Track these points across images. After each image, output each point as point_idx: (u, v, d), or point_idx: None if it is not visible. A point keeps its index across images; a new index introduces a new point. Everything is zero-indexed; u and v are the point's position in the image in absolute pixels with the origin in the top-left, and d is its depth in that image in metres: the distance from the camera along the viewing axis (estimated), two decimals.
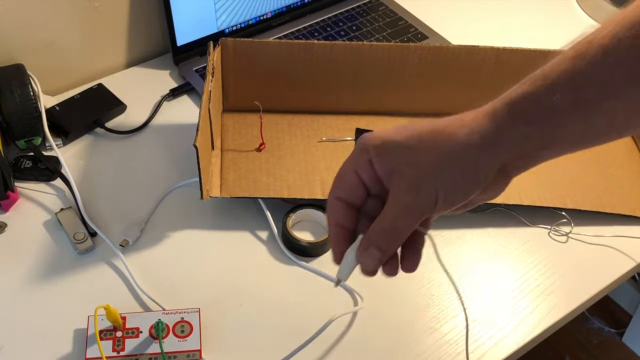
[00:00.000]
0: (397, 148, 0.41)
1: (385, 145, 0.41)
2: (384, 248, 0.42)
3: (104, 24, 0.86)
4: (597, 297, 0.70)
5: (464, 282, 0.69)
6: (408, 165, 0.40)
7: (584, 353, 1.45)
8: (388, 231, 0.42)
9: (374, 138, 0.42)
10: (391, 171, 0.41)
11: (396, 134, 0.42)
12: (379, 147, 0.41)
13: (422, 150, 0.40)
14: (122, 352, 0.59)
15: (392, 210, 0.41)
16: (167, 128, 0.83)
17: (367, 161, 0.42)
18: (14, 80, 0.75)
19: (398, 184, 0.41)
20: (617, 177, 0.79)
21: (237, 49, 0.78)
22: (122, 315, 0.61)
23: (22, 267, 0.67)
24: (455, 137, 0.40)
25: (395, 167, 0.41)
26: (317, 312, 0.63)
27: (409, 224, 0.42)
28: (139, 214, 0.72)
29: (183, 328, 0.61)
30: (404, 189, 0.41)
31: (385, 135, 0.42)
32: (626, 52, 0.37)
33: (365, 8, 1.01)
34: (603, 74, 0.37)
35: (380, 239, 0.42)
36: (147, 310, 0.64)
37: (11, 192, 0.71)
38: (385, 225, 0.42)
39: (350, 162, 0.43)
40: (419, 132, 0.41)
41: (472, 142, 0.39)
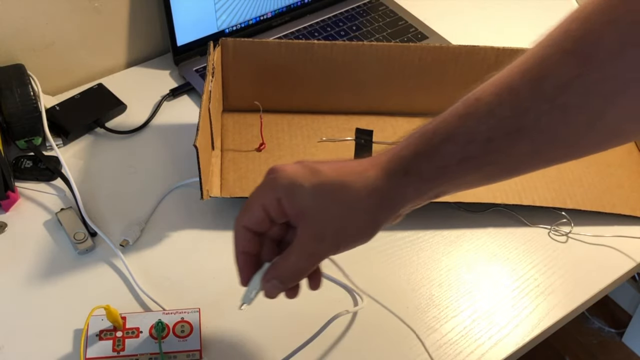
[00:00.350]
0: (305, 195, 0.44)
1: (293, 189, 0.44)
2: (287, 283, 0.48)
3: (104, 24, 0.86)
4: (597, 297, 0.70)
5: (464, 282, 0.69)
6: (315, 215, 0.44)
7: (584, 353, 1.45)
8: (292, 271, 0.47)
9: (283, 177, 0.45)
10: (298, 214, 0.45)
11: (304, 179, 0.44)
12: (288, 189, 0.45)
13: (328, 204, 0.44)
14: (122, 352, 0.59)
15: (298, 254, 0.46)
16: (167, 128, 0.83)
17: (275, 199, 0.45)
18: (14, 80, 0.76)
19: (304, 229, 0.45)
20: (617, 177, 0.79)
21: (237, 49, 0.78)
22: (122, 316, 0.61)
23: (22, 267, 0.67)
24: (357, 195, 0.43)
25: (302, 211, 0.45)
26: (317, 312, 0.63)
27: (312, 266, 0.47)
28: (139, 214, 0.72)
29: (183, 328, 0.61)
30: (310, 236, 0.45)
31: (294, 176, 0.45)
32: (505, 112, 0.41)
33: (365, 8, 1.01)
34: (488, 132, 0.41)
35: (284, 276, 0.47)
36: (148, 310, 0.64)
37: (11, 192, 0.72)
38: (289, 265, 0.47)
39: (259, 197, 0.46)
40: (326, 182, 0.44)
41: (372, 203, 0.44)
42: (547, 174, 0.78)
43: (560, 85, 0.39)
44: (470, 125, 0.42)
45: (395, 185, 0.43)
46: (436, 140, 0.42)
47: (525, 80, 0.41)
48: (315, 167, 0.45)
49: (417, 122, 0.87)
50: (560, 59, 0.40)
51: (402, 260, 0.71)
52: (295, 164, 0.46)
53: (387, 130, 0.81)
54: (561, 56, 0.40)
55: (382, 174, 0.43)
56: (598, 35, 0.39)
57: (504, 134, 0.41)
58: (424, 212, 0.74)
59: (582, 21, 0.40)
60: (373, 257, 0.70)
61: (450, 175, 0.43)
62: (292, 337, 0.62)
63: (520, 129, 0.41)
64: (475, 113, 0.42)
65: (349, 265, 0.69)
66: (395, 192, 0.44)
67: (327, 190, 0.44)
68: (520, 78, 0.41)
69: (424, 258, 0.71)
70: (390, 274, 0.69)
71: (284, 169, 0.45)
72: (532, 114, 0.40)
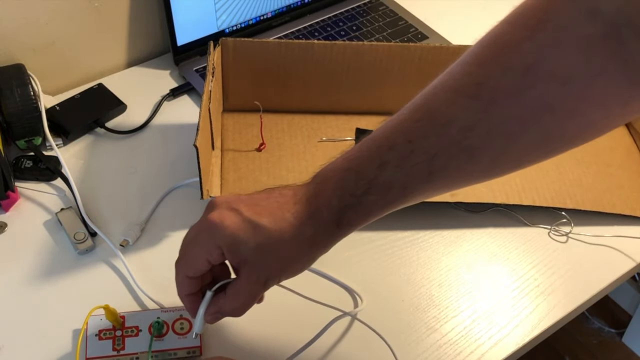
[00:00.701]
0: (248, 251, 0.48)
1: (237, 244, 0.48)
2: (234, 315, 0.52)
3: (104, 24, 0.86)
4: (597, 297, 0.70)
5: (464, 282, 0.69)
6: (258, 266, 0.48)
7: (584, 353, 1.45)
8: (237, 308, 0.51)
9: (225, 232, 0.47)
10: (240, 263, 0.49)
11: (247, 236, 0.47)
12: (231, 244, 0.48)
13: (271, 259, 0.48)
14: (122, 351, 0.59)
15: (243, 295, 0.50)
16: (167, 128, 0.83)
17: (217, 251, 0.48)
18: (14, 80, 0.76)
19: (248, 274, 0.49)
20: (617, 177, 0.79)
21: (237, 49, 0.78)
22: (121, 315, 0.61)
23: (22, 267, 0.67)
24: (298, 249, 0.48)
25: (245, 261, 0.48)
26: (318, 313, 0.63)
27: (253, 304, 0.51)
28: (139, 214, 0.72)
29: (182, 325, 0.61)
30: (253, 280, 0.49)
31: (236, 232, 0.47)
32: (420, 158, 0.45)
33: (365, 8, 1.01)
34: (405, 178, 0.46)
35: (230, 312, 0.52)
36: (147, 310, 0.64)
37: (11, 192, 0.72)
38: (236, 306, 0.51)
39: (199, 247, 0.49)
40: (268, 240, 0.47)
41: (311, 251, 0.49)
42: (547, 174, 0.78)
43: (465, 128, 0.43)
44: (388, 174, 0.45)
45: (330, 235, 0.49)
46: (359, 192, 0.46)
47: (433, 125, 0.45)
48: (256, 223, 0.47)
49: None
50: (464, 104, 0.43)
51: (402, 260, 0.71)
52: (234, 214, 0.48)
53: None
54: (464, 100, 0.43)
55: (318, 227, 0.48)
56: (496, 80, 0.42)
57: (418, 181, 0.46)
58: (424, 212, 0.75)
59: (480, 65, 0.44)
60: (373, 257, 0.70)
61: (376, 215, 0.48)
62: (292, 337, 0.62)
63: (432, 172, 0.45)
64: (392, 161, 0.45)
65: (349, 265, 0.69)
66: (331, 240, 0.49)
67: (269, 247, 0.48)
68: (429, 122, 0.45)
69: (424, 258, 0.71)
70: (390, 273, 0.69)
71: (223, 224, 0.48)
72: (443, 158, 0.44)
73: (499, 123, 0.43)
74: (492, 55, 0.43)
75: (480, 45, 0.45)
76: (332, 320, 0.62)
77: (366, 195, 0.46)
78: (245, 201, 0.49)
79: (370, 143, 0.47)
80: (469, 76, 0.44)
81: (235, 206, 0.48)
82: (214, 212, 0.49)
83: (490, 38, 0.44)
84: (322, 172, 0.49)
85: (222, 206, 0.49)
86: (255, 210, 0.48)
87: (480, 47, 0.45)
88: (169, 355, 0.60)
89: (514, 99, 0.42)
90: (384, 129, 0.47)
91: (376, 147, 0.46)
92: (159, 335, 0.60)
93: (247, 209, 0.48)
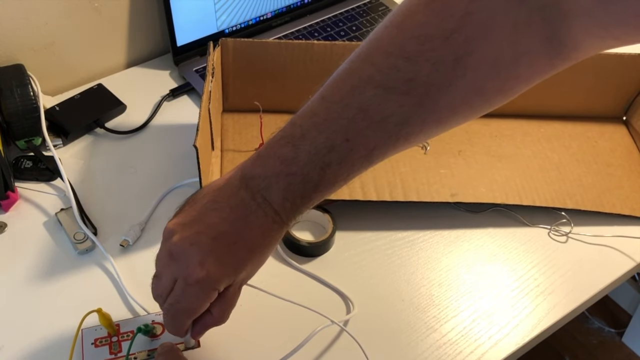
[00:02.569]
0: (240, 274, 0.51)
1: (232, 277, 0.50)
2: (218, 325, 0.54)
3: (104, 24, 0.87)
4: (597, 297, 0.70)
5: (464, 282, 0.69)
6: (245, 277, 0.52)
7: (584, 353, 1.45)
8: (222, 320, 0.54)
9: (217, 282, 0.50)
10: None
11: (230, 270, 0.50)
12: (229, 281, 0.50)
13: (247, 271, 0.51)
14: (120, 354, 0.59)
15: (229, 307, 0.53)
16: (167, 128, 0.83)
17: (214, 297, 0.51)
18: (14, 80, 0.76)
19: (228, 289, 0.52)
20: (617, 177, 0.79)
21: (237, 49, 0.78)
22: (115, 324, 0.61)
23: (22, 267, 0.67)
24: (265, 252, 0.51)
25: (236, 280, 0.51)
26: (309, 319, 0.63)
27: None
28: (139, 214, 0.72)
29: None
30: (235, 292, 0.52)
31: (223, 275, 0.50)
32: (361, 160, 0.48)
33: (365, 8, 1.01)
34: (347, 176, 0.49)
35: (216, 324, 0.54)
36: (147, 310, 0.64)
37: (11, 192, 0.72)
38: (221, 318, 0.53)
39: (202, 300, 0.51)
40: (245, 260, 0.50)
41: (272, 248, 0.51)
42: (547, 175, 0.78)
43: (401, 122, 0.46)
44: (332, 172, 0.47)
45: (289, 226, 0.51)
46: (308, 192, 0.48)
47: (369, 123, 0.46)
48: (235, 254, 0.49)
49: None
50: (397, 100, 0.45)
51: (402, 260, 0.71)
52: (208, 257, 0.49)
53: None
54: (398, 97, 0.45)
55: (281, 228, 0.50)
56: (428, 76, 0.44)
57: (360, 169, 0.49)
58: (424, 212, 0.75)
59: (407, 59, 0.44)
60: (373, 257, 0.70)
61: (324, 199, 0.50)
62: (292, 337, 0.61)
63: (372, 161, 0.48)
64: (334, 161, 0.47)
65: (348, 265, 0.69)
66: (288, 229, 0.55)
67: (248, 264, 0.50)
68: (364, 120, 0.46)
69: (424, 258, 0.71)
70: (390, 274, 0.69)
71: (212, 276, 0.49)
72: (382, 148, 0.47)
73: (433, 112, 0.46)
74: (419, 49, 0.44)
75: (400, 31, 0.45)
76: (316, 330, 0.61)
77: (315, 192, 0.48)
78: (207, 233, 0.49)
79: (305, 145, 0.47)
80: (398, 72, 0.44)
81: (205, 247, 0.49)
82: (191, 262, 0.49)
83: (413, 25, 0.44)
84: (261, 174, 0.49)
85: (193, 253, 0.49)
86: (226, 241, 0.49)
87: (401, 36, 0.45)
88: None
89: (446, 90, 0.44)
90: (313, 126, 0.47)
91: (315, 150, 0.47)
92: (155, 335, 0.60)
93: (218, 244, 0.49)
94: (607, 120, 0.87)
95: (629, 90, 0.84)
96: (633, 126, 0.85)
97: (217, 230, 0.49)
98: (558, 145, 0.82)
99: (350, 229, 0.72)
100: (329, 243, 0.70)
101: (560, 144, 0.82)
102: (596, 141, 0.84)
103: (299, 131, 0.48)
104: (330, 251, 0.71)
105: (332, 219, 0.71)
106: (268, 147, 0.49)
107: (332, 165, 0.47)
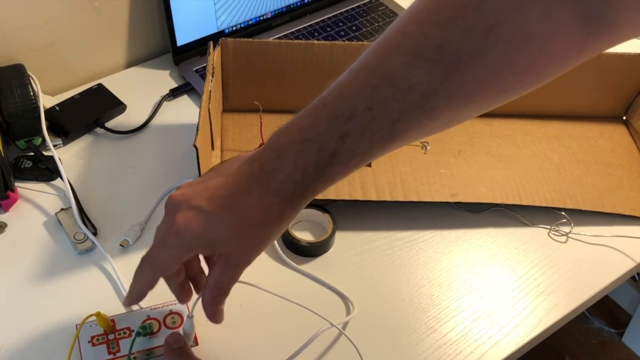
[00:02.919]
0: (220, 244, 0.48)
1: (209, 243, 0.48)
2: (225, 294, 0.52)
3: (104, 24, 0.87)
4: (597, 297, 0.70)
5: (464, 282, 0.69)
6: (233, 253, 0.49)
7: (584, 353, 1.45)
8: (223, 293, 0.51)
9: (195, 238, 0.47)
10: (216, 255, 0.50)
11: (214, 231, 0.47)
12: (204, 244, 0.48)
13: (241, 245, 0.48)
14: (118, 354, 0.59)
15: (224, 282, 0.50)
16: (167, 128, 0.83)
17: (190, 254, 0.49)
18: (14, 80, 0.76)
19: (224, 263, 0.49)
20: (617, 177, 0.79)
21: (237, 49, 0.78)
22: (110, 319, 0.61)
23: (22, 267, 0.67)
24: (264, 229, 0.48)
25: (220, 253, 0.49)
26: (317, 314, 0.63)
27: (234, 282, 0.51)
28: (139, 214, 0.72)
29: (174, 319, 0.61)
30: (232, 266, 0.49)
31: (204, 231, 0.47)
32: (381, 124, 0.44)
33: (365, 8, 1.01)
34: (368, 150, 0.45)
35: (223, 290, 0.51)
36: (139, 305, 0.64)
37: (11, 192, 0.72)
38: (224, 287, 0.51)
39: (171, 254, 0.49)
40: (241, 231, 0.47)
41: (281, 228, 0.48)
42: (547, 174, 0.78)
43: (428, 93, 0.43)
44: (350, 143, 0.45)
45: (296, 206, 0.47)
46: (322, 163, 0.45)
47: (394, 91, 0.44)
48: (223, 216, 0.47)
49: None
50: (425, 68, 0.43)
51: (402, 260, 0.71)
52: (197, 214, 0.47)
53: None
54: (426, 65, 0.43)
55: (284, 204, 0.47)
56: (458, 44, 0.42)
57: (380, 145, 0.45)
58: (424, 212, 0.75)
59: (438, 26, 0.43)
60: (373, 257, 0.70)
61: (338, 180, 0.47)
62: (292, 338, 0.61)
63: (393, 136, 0.45)
64: (354, 130, 0.44)
65: (348, 265, 0.69)
66: (297, 211, 0.48)
67: (241, 236, 0.47)
68: (389, 88, 0.44)
69: (424, 258, 0.71)
70: (390, 274, 0.69)
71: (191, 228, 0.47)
72: (405, 122, 0.44)
73: (461, 85, 0.43)
74: (451, 15, 0.42)
75: (433, 1, 0.44)
76: (317, 334, 0.61)
77: (329, 166, 0.45)
78: (203, 193, 0.48)
79: (325, 112, 0.46)
80: (427, 38, 0.43)
81: (196, 203, 0.47)
82: (178, 215, 0.47)
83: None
84: (276, 144, 0.47)
85: (183, 206, 0.47)
86: (218, 203, 0.47)
87: (434, 5, 0.43)
88: None
89: (476, 61, 0.42)
90: (337, 95, 0.46)
91: (335, 117, 0.45)
92: (153, 333, 0.60)
93: (209, 203, 0.47)
94: (607, 120, 0.87)
95: (629, 90, 0.84)
96: (633, 126, 0.85)
97: (214, 192, 0.47)
98: (558, 145, 0.82)
99: (350, 229, 0.72)
100: (329, 243, 0.70)
101: (560, 144, 0.83)
102: (596, 141, 0.84)
103: (322, 102, 0.46)
104: (330, 251, 0.71)
105: (332, 219, 0.71)
106: (291, 120, 0.47)
107: (351, 134, 0.44)
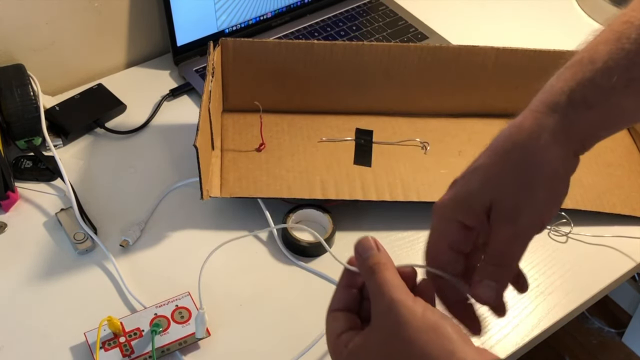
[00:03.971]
0: (477, 193, 0.42)
1: (465, 200, 0.43)
2: (499, 279, 0.44)
3: (104, 24, 0.86)
4: (597, 297, 0.70)
5: None
6: (501, 199, 0.42)
7: (583, 353, 1.45)
8: (500, 267, 0.44)
9: (448, 203, 0.43)
10: (486, 211, 0.43)
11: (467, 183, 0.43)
12: (460, 205, 0.43)
13: (508, 181, 0.42)
14: (133, 355, 0.59)
15: (501, 246, 0.43)
16: (167, 128, 0.83)
17: (459, 227, 0.43)
18: (14, 80, 0.76)
19: (497, 219, 0.42)
20: (617, 177, 0.79)
21: (237, 49, 0.78)
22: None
23: (22, 267, 0.67)
24: (534, 153, 0.41)
25: (491, 204, 0.42)
26: (318, 313, 0.63)
27: (521, 252, 0.44)
28: (139, 214, 0.72)
29: (182, 314, 0.62)
30: (505, 218, 0.42)
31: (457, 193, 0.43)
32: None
33: (365, 8, 1.01)
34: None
35: (493, 274, 0.44)
36: (144, 305, 0.64)
37: (11, 192, 0.71)
38: (496, 262, 0.44)
39: (440, 237, 0.44)
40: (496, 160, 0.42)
41: (552, 155, 0.41)
42: None
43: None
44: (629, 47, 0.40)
45: (564, 120, 0.41)
46: (598, 65, 0.41)
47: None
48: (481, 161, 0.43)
49: (417, 122, 0.87)
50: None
51: (402, 260, 0.70)
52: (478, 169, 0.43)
53: (387, 130, 0.81)
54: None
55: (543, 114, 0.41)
56: None
57: None
58: (424, 212, 0.74)
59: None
60: None
61: (615, 102, 0.41)
62: (292, 338, 0.62)
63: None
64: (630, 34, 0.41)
65: None
66: (567, 127, 0.41)
67: (500, 169, 0.42)
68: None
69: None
70: None
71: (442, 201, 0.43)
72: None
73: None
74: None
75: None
76: (316, 339, 0.61)
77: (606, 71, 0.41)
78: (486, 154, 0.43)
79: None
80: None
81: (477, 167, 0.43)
82: None
83: None
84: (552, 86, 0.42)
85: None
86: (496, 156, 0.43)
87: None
88: (179, 345, 0.60)
89: None
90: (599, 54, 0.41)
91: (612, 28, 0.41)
92: (163, 330, 0.60)
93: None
94: None
95: None
96: (633, 126, 0.85)
97: (494, 150, 0.43)
98: None
99: (350, 229, 0.72)
100: (329, 243, 0.70)
101: None
102: None
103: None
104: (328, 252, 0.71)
105: (332, 219, 0.71)
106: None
107: None
